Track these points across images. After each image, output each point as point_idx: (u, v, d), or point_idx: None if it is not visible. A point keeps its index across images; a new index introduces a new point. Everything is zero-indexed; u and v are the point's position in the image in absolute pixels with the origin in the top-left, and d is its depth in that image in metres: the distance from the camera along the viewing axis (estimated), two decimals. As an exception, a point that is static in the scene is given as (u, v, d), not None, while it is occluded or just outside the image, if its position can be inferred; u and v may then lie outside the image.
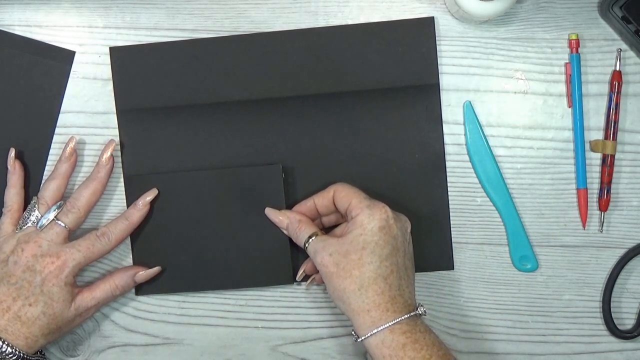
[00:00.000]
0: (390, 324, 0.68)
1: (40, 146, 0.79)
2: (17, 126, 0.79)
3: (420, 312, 0.70)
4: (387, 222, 0.71)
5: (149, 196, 0.77)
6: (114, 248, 0.76)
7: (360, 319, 0.69)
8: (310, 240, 0.73)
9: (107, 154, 0.77)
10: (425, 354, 0.68)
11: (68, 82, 0.79)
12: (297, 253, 0.79)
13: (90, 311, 0.76)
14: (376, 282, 0.69)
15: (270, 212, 0.77)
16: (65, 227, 0.74)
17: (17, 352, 0.71)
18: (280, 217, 0.76)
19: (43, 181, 0.78)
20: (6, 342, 0.71)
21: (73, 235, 0.76)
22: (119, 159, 0.79)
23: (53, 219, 0.75)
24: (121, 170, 0.79)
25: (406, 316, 0.69)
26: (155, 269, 0.78)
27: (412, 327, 0.69)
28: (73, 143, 0.77)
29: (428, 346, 0.68)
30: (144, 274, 0.77)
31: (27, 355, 0.72)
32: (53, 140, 0.79)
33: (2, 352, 0.71)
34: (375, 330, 0.69)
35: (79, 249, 0.74)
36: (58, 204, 0.76)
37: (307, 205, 0.76)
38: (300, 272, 0.77)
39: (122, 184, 0.79)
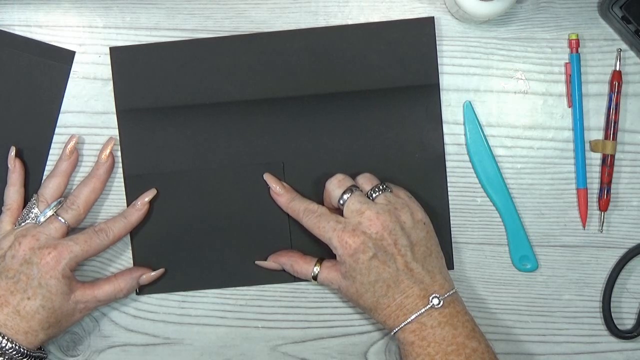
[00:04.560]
0: (398, 328, 0.71)
1: (41, 146, 0.79)
2: (18, 126, 0.79)
3: (433, 304, 0.71)
4: (355, 249, 0.71)
5: (148, 196, 0.78)
6: (111, 245, 0.76)
7: (382, 325, 0.74)
8: (316, 276, 0.75)
9: (107, 152, 0.77)
10: (431, 351, 0.70)
11: (68, 82, 0.79)
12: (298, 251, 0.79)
13: (90, 308, 0.75)
14: (379, 303, 0.72)
15: (262, 264, 0.78)
16: (64, 222, 0.74)
17: (17, 347, 0.71)
18: (273, 265, 0.78)
19: (43, 178, 0.78)
20: (6, 337, 0.71)
21: (71, 233, 0.76)
22: (119, 159, 0.79)
23: (52, 215, 0.75)
24: (121, 170, 0.79)
25: (413, 317, 0.71)
26: (159, 271, 0.78)
27: (422, 324, 0.71)
28: (74, 141, 0.77)
29: (436, 342, 0.70)
30: (148, 276, 0.77)
31: (27, 350, 0.72)
32: (53, 140, 0.79)
33: (2, 347, 0.71)
34: (391, 334, 0.72)
35: (76, 241, 0.74)
36: (58, 200, 0.76)
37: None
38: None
39: (121, 183, 0.79)
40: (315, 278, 0.75)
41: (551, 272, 0.79)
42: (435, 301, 0.71)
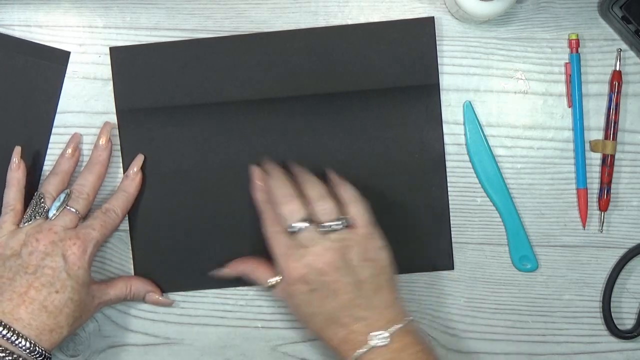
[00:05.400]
0: None
1: (38, 147, 0.79)
2: (14, 127, 0.79)
3: (377, 342, 0.69)
4: (296, 280, 0.71)
5: (137, 163, 0.78)
6: (122, 221, 0.77)
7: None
8: (272, 286, 0.74)
9: (106, 137, 0.77)
10: None
11: (65, 82, 0.79)
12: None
13: (101, 305, 0.76)
14: (323, 334, 0.72)
15: (221, 272, 0.78)
16: (76, 212, 0.74)
17: (39, 350, 0.70)
18: (228, 271, 0.78)
19: (41, 179, 0.78)
20: (29, 340, 0.69)
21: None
22: (119, 159, 0.79)
23: (64, 207, 0.74)
24: (121, 170, 0.79)
25: (359, 352, 0.69)
26: (167, 301, 0.79)
27: None
28: (76, 141, 0.77)
29: None
30: (156, 298, 0.78)
31: (46, 352, 0.70)
32: (51, 141, 0.79)
33: (25, 351, 0.69)
34: None
35: (93, 227, 0.74)
36: (65, 192, 0.75)
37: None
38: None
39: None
40: (271, 287, 0.74)
41: (551, 272, 0.79)
42: (379, 340, 0.69)
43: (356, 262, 0.71)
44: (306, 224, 0.71)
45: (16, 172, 0.76)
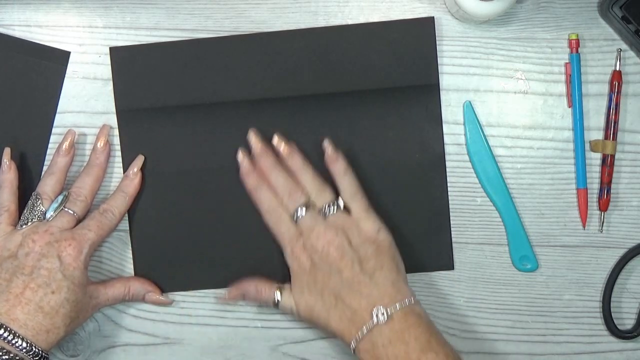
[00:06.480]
0: (354, 345, 0.71)
1: (38, 147, 0.79)
2: (14, 127, 0.79)
3: (379, 318, 0.69)
4: (304, 262, 0.73)
5: (137, 164, 0.78)
6: (119, 222, 0.77)
7: (340, 341, 0.74)
8: (279, 301, 0.75)
9: (103, 140, 0.78)
10: None
11: (65, 82, 0.79)
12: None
13: (98, 306, 0.76)
14: (330, 315, 0.72)
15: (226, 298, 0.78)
16: (74, 214, 0.75)
17: (36, 350, 0.70)
18: (234, 293, 0.77)
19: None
20: (26, 340, 0.69)
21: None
22: (119, 159, 0.79)
23: (61, 209, 0.75)
24: (121, 170, 0.79)
25: (364, 330, 0.70)
26: (167, 300, 0.79)
27: (373, 344, 0.70)
28: (72, 137, 0.77)
29: None
30: (156, 298, 0.78)
31: (44, 352, 0.70)
32: (51, 140, 0.79)
33: (21, 350, 0.69)
34: (352, 353, 0.72)
35: (89, 228, 0.74)
36: (63, 194, 0.75)
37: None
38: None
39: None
40: (277, 305, 0.75)
41: (551, 272, 0.79)
42: (381, 316, 0.70)
43: (356, 241, 0.73)
44: (305, 209, 0.74)
45: (7, 174, 0.76)
